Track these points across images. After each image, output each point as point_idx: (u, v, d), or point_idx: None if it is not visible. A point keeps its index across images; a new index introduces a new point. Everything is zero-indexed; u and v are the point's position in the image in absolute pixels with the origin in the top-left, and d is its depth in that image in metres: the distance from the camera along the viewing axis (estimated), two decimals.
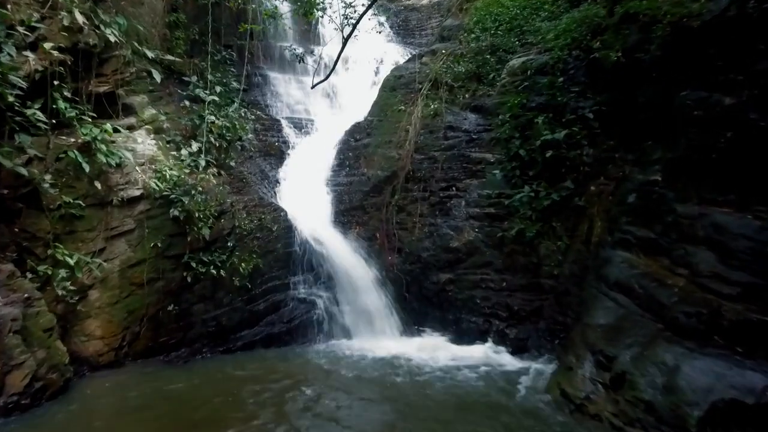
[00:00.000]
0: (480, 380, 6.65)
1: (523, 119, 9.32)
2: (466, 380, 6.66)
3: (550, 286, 8.06)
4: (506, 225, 8.80)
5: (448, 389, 6.34)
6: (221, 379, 7.12)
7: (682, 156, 6.74)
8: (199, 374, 7.27)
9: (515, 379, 6.68)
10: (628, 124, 8.13)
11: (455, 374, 6.91)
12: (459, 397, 6.08)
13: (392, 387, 6.56)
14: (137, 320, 7.59)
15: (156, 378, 7.02)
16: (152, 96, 9.37)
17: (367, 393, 6.32)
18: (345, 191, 10.86)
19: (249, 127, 11.04)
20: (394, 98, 12.05)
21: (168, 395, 6.39)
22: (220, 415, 5.78)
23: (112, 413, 5.96)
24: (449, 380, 6.69)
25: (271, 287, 8.97)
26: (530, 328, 7.97)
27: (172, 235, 7.94)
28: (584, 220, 8.12)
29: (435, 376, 6.87)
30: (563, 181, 8.52)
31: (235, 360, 8.03)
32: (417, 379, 6.78)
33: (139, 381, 6.84)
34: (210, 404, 6.11)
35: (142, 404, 6.13)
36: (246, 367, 7.59)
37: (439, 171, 10.06)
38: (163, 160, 8.17)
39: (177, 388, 6.65)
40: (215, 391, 6.57)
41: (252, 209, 9.17)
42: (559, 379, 5.91)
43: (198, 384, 6.83)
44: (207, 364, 7.83)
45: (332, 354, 8.17)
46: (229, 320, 8.43)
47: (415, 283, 9.30)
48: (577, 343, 6.09)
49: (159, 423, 5.64)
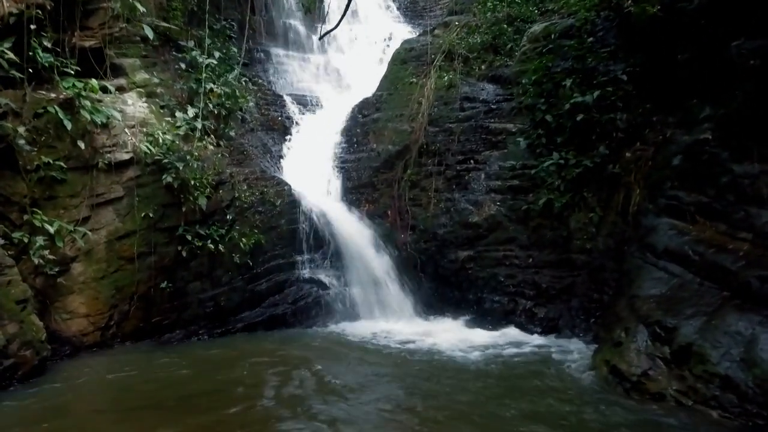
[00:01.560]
0: (512, 362, 5.87)
1: (548, 85, 8.60)
2: (496, 363, 5.87)
3: (582, 262, 7.29)
4: (531, 197, 8.05)
5: (479, 374, 5.54)
6: (219, 362, 6.37)
7: (737, 111, 6.03)
8: (193, 358, 6.54)
9: (551, 359, 5.90)
10: (666, 84, 7.41)
11: (482, 357, 6.14)
12: (494, 382, 5.27)
13: (410, 373, 5.77)
14: (126, 298, 6.86)
15: (145, 361, 6.28)
16: (146, 61, 8.65)
17: (384, 380, 5.50)
18: (353, 168, 10.15)
19: (251, 99, 10.33)
20: (405, 71, 11.32)
21: (156, 380, 5.63)
22: (215, 400, 5.01)
23: (88, 398, 5.22)
24: (477, 364, 5.91)
25: (275, 266, 8.23)
26: (561, 307, 7.19)
27: (166, 205, 7.21)
28: (619, 189, 7.35)
29: (458, 360, 6.09)
30: (594, 149, 7.77)
31: (235, 343, 7.30)
32: (439, 363, 5.98)
33: (126, 364, 6.09)
34: (203, 389, 5.35)
35: (125, 388, 5.39)
36: (246, 350, 6.85)
37: (456, 143, 9.33)
38: (155, 123, 7.44)
39: (167, 372, 5.89)
40: (210, 375, 5.83)
41: (253, 182, 8.44)
42: (607, 356, 5.13)
43: (192, 368, 6.07)
44: (204, 347, 7.10)
45: (341, 337, 7.42)
46: (229, 300, 7.70)
47: (430, 261, 8.55)
48: (624, 317, 5.32)
49: (140, 411, 4.82)
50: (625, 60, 8.09)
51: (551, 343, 6.60)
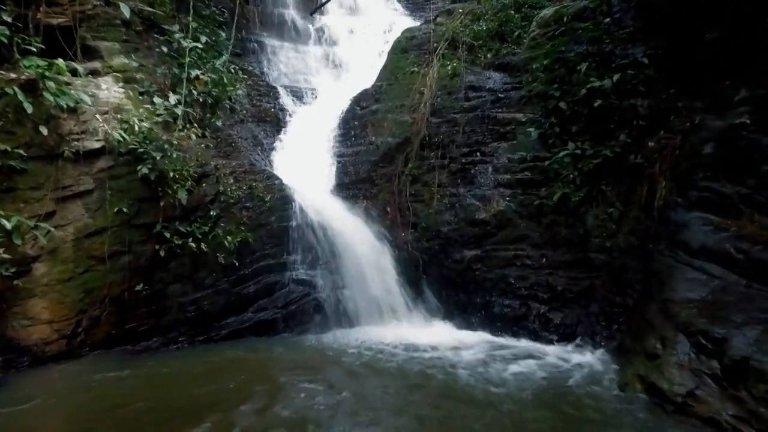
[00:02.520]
0: (527, 378, 5.16)
1: (560, 70, 7.94)
2: (509, 379, 5.16)
3: (601, 262, 6.60)
4: (544, 192, 7.37)
5: (491, 394, 4.83)
6: (198, 374, 5.68)
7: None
8: (170, 369, 5.85)
9: (572, 374, 5.20)
10: (692, 66, 6.74)
11: (494, 368, 5.44)
12: (510, 403, 4.57)
13: (414, 385, 5.09)
14: (97, 302, 6.18)
15: (115, 373, 5.58)
16: (127, 46, 7.99)
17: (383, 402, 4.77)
18: (350, 162, 9.48)
19: (241, 91, 9.67)
20: (406, 60, 10.69)
21: (122, 396, 4.94)
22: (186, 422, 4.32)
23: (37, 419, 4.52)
24: (488, 377, 5.22)
25: (264, 266, 7.54)
26: (579, 312, 6.50)
27: (142, 199, 6.53)
28: (642, 182, 6.67)
29: (468, 372, 5.40)
30: (612, 138, 7.09)
31: (219, 351, 6.59)
32: (446, 381, 5.25)
33: (92, 377, 5.41)
34: (174, 407, 4.68)
35: (83, 406, 4.70)
36: (229, 361, 6.17)
37: (460, 135, 8.66)
38: (132, 110, 6.77)
39: (137, 387, 5.21)
40: (185, 390, 5.15)
41: (241, 175, 7.76)
42: (641, 371, 4.44)
43: (165, 382, 5.41)
44: (183, 357, 6.40)
45: (336, 346, 6.72)
46: (213, 304, 7.01)
47: (433, 262, 7.86)
48: (657, 324, 4.64)
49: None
50: (644, 42, 7.44)
51: (569, 353, 5.90)
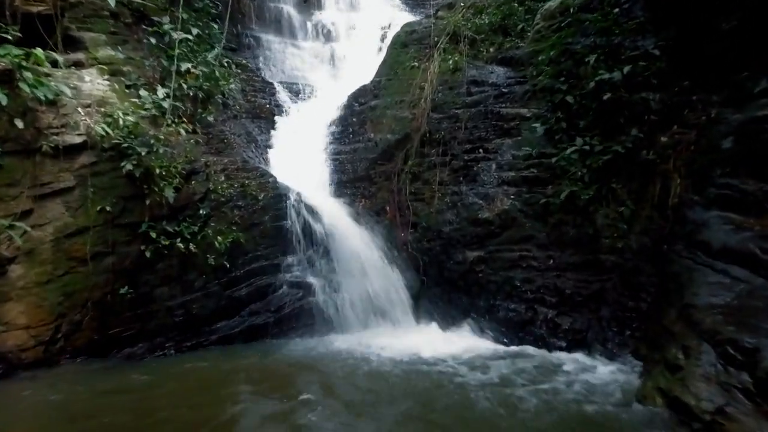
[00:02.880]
0: (536, 387, 4.80)
1: (567, 63, 7.58)
2: (517, 390, 4.79)
3: (612, 263, 6.24)
4: (551, 190, 7.01)
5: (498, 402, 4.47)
6: (184, 385, 5.34)
7: None
8: (154, 378, 5.50)
9: (584, 384, 4.83)
10: (706, 58, 6.39)
11: (499, 380, 5.09)
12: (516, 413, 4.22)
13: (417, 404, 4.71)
14: (78, 306, 5.84)
15: (95, 382, 5.25)
16: (115, 38, 7.67)
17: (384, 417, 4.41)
18: (348, 160, 9.14)
19: (235, 86, 9.33)
20: (406, 55, 10.36)
21: (100, 408, 4.60)
22: None
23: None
24: (493, 387, 4.86)
25: (257, 268, 7.19)
26: (589, 317, 6.14)
27: (126, 197, 6.19)
28: (655, 179, 6.31)
29: (471, 382, 5.04)
30: (622, 133, 6.74)
31: (207, 358, 6.25)
32: (449, 391, 4.90)
33: (70, 386, 5.06)
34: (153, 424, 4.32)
35: (52, 420, 4.34)
36: (218, 368, 5.82)
37: (462, 131, 8.31)
38: (116, 103, 6.43)
39: (116, 398, 4.86)
40: (169, 404, 4.79)
41: (233, 173, 7.41)
42: (661, 383, 4.08)
43: (148, 393, 5.05)
44: (170, 364, 6.07)
45: (332, 352, 6.37)
46: (202, 308, 6.66)
47: (434, 263, 7.50)
48: (677, 332, 4.28)
49: None
50: (655, 34, 7.10)
51: (580, 361, 5.54)
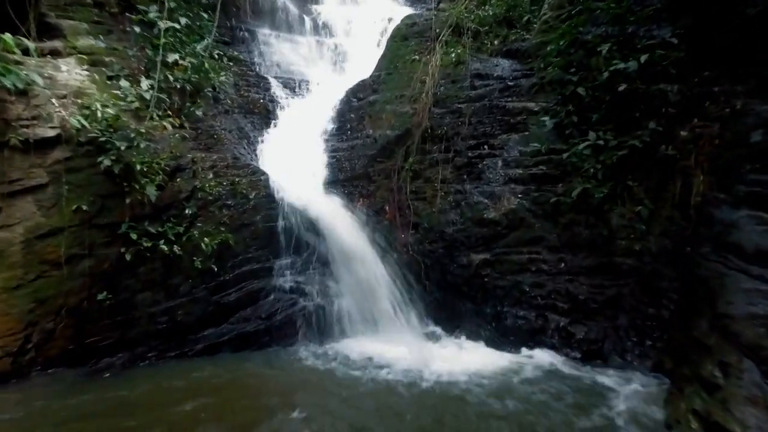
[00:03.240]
0: (552, 408, 4.34)
1: (578, 54, 7.14)
2: (530, 410, 4.34)
3: (629, 267, 5.79)
4: (561, 188, 6.57)
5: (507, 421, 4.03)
6: (162, 399, 4.88)
7: None
8: (135, 390, 5.05)
9: (605, 402, 4.38)
10: (729, 47, 5.95)
11: (509, 393, 4.63)
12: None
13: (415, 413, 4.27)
14: (51, 313, 5.38)
15: (64, 398, 4.79)
16: (98, 27, 7.23)
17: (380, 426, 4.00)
18: (345, 157, 8.69)
19: (226, 79, 8.88)
20: (406, 48, 9.92)
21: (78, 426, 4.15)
22: None
23: None
24: (503, 404, 4.40)
25: (248, 272, 6.74)
26: (605, 326, 5.68)
27: (105, 195, 5.74)
28: (675, 176, 5.86)
29: (479, 397, 4.59)
30: (637, 127, 6.29)
31: (193, 368, 5.79)
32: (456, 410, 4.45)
33: (36, 402, 4.61)
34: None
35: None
36: (203, 381, 5.36)
37: (466, 126, 7.87)
38: (95, 94, 5.98)
39: (92, 415, 4.41)
40: (151, 417, 4.33)
41: (222, 170, 6.96)
42: (697, 404, 3.62)
43: (123, 409, 4.60)
44: (151, 375, 5.61)
45: (327, 362, 5.91)
46: (188, 315, 6.21)
47: (436, 266, 7.05)
48: (712, 345, 3.83)
49: None
50: (672, 21, 6.67)
51: (597, 375, 5.07)
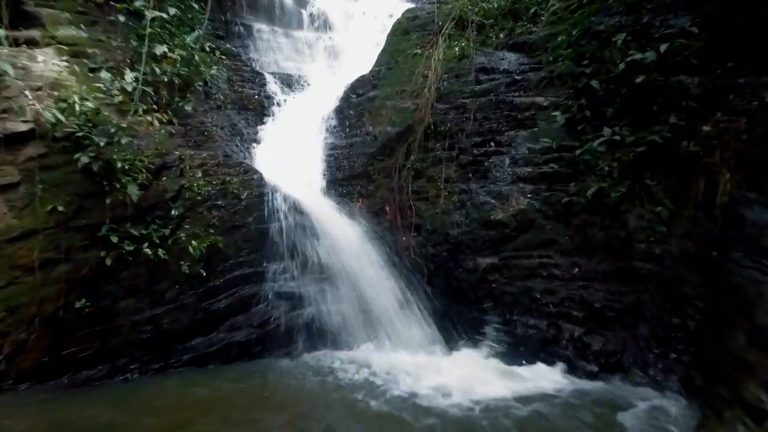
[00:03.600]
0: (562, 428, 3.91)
1: (590, 45, 6.72)
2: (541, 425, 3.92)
3: (649, 272, 5.36)
4: (574, 187, 6.15)
5: None
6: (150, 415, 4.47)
7: None
8: (116, 405, 4.64)
9: (624, 421, 3.96)
10: (755, 36, 5.55)
11: (520, 412, 4.21)
12: None
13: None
14: (23, 323, 4.96)
15: (38, 417, 4.37)
16: (82, 18, 6.84)
17: None
18: (344, 155, 8.30)
19: (219, 73, 8.49)
20: (407, 42, 9.54)
21: None
22: None
23: None
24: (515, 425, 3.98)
25: (239, 277, 6.33)
26: (624, 336, 5.25)
27: (83, 195, 5.32)
28: (698, 174, 5.44)
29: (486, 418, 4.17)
30: (655, 123, 5.87)
31: (179, 381, 5.40)
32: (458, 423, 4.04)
33: (10, 421, 4.19)
34: None
35: None
36: (192, 394, 4.96)
37: (471, 122, 7.46)
38: (74, 87, 5.57)
39: None
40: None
41: (212, 168, 6.55)
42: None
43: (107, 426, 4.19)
44: (134, 389, 5.21)
45: (324, 376, 5.46)
46: (174, 323, 5.80)
47: (440, 271, 6.63)
48: (755, 363, 3.41)
49: None
50: (690, 11, 6.25)
51: (617, 392, 4.65)
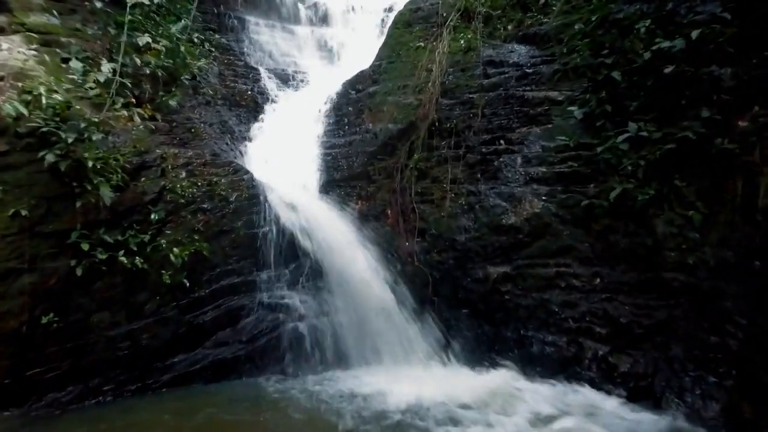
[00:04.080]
0: None
1: (611, 34, 6.18)
2: None
3: (681, 284, 4.80)
4: (593, 189, 5.60)
5: None
6: None
7: None
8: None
9: None
10: None
11: None
12: None
13: None
14: None
15: None
16: (58, 6, 6.36)
17: None
18: (342, 154, 7.77)
19: (208, 67, 7.97)
20: (410, 35, 9.03)
21: None
22: None
23: None
24: None
25: (227, 287, 5.78)
26: (655, 356, 4.68)
27: (50, 197, 4.79)
28: (735, 174, 4.89)
29: None
30: (684, 118, 5.32)
31: (157, 405, 4.86)
32: None
33: None
34: None
35: None
36: (172, 419, 4.40)
37: (479, 119, 6.93)
38: (41, 77, 5.03)
39: None
40: None
41: (198, 168, 6.01)
42: None
43: None
44: (108, 414, 4.66)
45: (319, 401, 4.89)
46: (154, 338, 5.26)
47: (447, 280, 6.08)
48: None
49: None
50: None
51: (649, 422, 4.09)
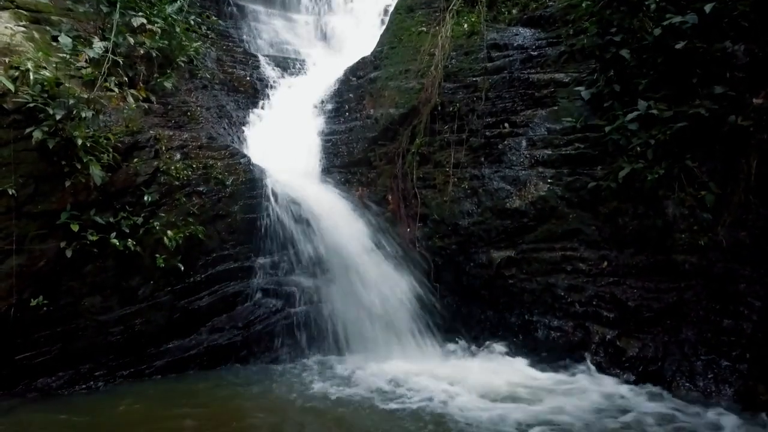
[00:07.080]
0: None
1: (620, 12, 5.98)
2: None
3: (692, 267, 4.62)
4: (601, 170, 5.42)
5: None
6: None
7: None
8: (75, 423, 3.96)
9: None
10: None
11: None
12: None
13: None
14: None
15: None
16: None
17: None
18: (343, 140, 7.62)
19: (209, 53, 7.84)
20: (412, 20, 8.88)
21: None
22: None
23: None
24: None
25: (223, 272, 5.63)
26: (665, 340, 4.50)
27: (39, 177, 4.63)
28: (749, 153, 4.71)
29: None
30: (696, 96, 5.13)
31: (150, 391, 4.72)
32: None
33: None
34: None
35: None
36: (163, 407, 4.27)
37: (483, 102, 6.75)
38: (29, 53, 4.87)
39: None
40: None
41: (194, 151, 5.84)
42: None
43: None
44: (99, 400, 4.52)
45: (316, 388, 4.73)
46: (148, 323, 5.11)
47: (449, 266, 5.91)
48: None
49: None
50: None
51: (659, 406, 3.91)
